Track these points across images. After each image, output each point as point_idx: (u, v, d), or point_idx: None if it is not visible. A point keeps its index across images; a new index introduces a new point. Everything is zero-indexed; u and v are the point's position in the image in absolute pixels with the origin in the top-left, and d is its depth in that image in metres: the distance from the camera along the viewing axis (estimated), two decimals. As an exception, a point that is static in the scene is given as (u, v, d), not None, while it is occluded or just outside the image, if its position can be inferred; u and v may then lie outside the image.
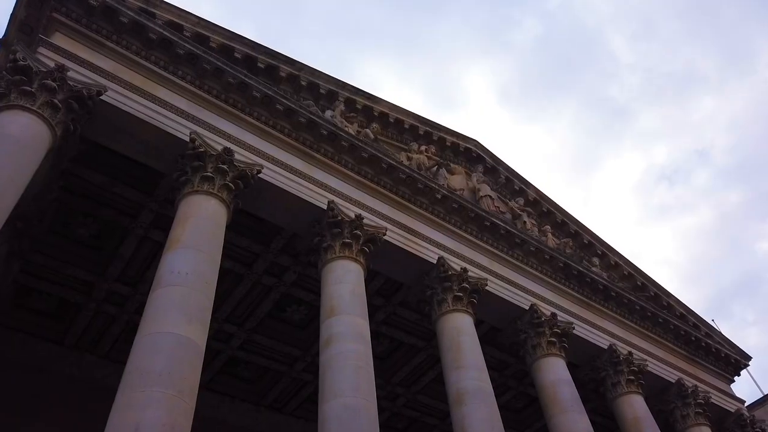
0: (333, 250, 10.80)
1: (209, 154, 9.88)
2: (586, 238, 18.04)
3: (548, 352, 13.05)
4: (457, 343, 11.26)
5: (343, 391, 8.37)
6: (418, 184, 13.31)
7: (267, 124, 11.51)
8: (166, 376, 6.54)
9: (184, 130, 10.09)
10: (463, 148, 17.00)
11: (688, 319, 18.67)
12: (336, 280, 10.26)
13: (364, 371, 8.79)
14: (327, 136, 12.17)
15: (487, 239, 14.34)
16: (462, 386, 10.51)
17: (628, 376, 14.42)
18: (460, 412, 10.17)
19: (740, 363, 19.27)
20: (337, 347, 9.07)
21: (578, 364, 15.36)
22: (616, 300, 16.29)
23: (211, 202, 9.29)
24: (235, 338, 15.36)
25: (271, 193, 11.10)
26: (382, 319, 15.32)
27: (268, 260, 13.51)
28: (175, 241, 8.49)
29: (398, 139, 15.46)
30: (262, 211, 11.40)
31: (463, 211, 13.99)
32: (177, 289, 7.63)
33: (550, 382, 12.52)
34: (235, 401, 16.86)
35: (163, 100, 10.23)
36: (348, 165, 12.44)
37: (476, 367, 10.89)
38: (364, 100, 14.38)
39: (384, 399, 17.86)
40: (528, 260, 14.88)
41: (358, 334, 9.37)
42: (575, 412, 11.89)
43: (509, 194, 17.52)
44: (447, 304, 12.06)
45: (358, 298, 10.05)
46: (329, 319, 9.62)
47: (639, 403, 14.08)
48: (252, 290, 14.29)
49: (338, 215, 11.13)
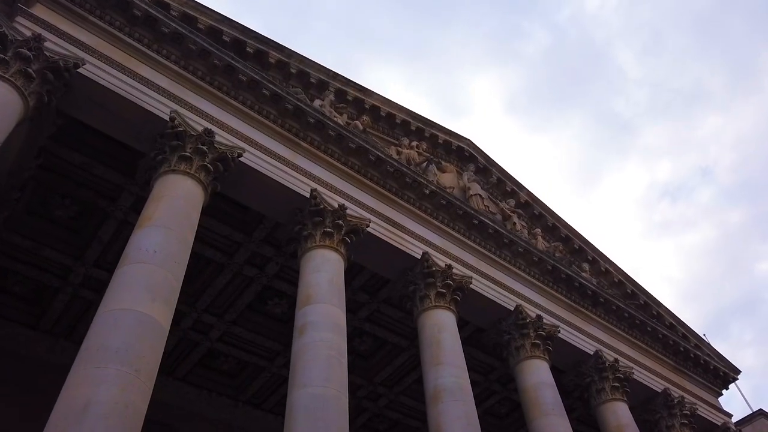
0: (313, 238, 10.53)
1: (189, 134, 9.63)
2: (577, 243, 17.81)
3: (532, 354, 12.76)
4: (438, 340, 10.98)
5: (313, 380, 8.08)
6: (405, 179, 13.07)
7: (252, 108, 11.28)
8: (123, 354, 6.26)
9: (165, 108, 9.85)
10: (455, 147, 16.78)
11: (678, 329, 18.41)
12: (314, 268, 9.99)
13: (336, 361, 8.50)
14: (314, 125, 11.94)
15: (475, 238, 14.09)
16: (440, 383, 10.22)
17: (613, 383, 14.14)
18: (436, 409, 9.88)
19: (729, 376, 18.99)
20: (310, 336, 8.79)
21: (563, 369, 15.08)
22: (605, 306, 16.03)
23: (187, 182, 9.03)
24: (215, 330, 15.06)
25: (252, 179, 10.85)
26: (365, 316, 15.05)
27: (250, 250, 13.24)
28: (146, 219, 8.23)
29: (389, 134, 15.24)
30: (243, 196, 11.15)
31: (451, 208, 13.74)
32: (143, 267, 7.36)
33: (532, 384, 12.23)
34: (213, 395, 16.53)
35: (145, 77, 10.00)
36: (334, 155, 12.20)
37: (456, 364, 10.60)
38: (355, 92, 14.16)
39: (366, 399, 17.57)
40: (516, 261, 14.62)
41: (334, 323, 9.09)
42: (556, 415, 11.60)
43: (501, 195, 17.29)
44: (429, 300, 11.78)
45: (336, 288, 9.78)
46: (305, 308, 9.35)
47: (623, 410, 13.79)
48: (233, 281, 14.00)
49: (321, 204, 10.87)
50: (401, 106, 15.36)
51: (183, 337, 15.21)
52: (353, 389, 17.36)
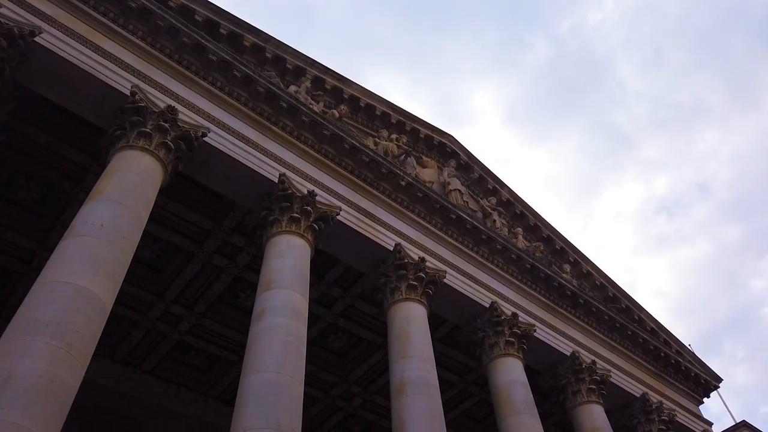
0: (279, 224, 10.18)
1: (150, 111, 9.28)
2: (559, 244, 17.53)
3: (506, 352, 12.41)
4: (406, 333, 10.62)
5: (266, 366, 7.71)
6: (381, 169, 12.75)
7: (222, 90, 10.95)
8: (54, 327, 5.88)
9: (126, 83, 9.50)
10: (437, 142, 16.49)
11: (659, 335, 18.12)
12: (278, 254, 9.64)
13: (293, 347, 8.13)
14: (287, 110, 11.62)
15: (452, 233, 13.77)
16: (405, 376, 9.85)
17: (590, 385, 13.80)
18: (400, 403, 9.50)
19: (710, 384, 18.70)
20: (267, 321, 8.43)
21: (540, 370, 14.74)
22: (584, 308, 15.73)
23: (145, 158, 8.67)
24: (184, 321, 14.64)
25: (219, 161, 10.50)
26: (340, 311, 14.69)
27: (220, 239, 12.87)
28: (96, 193, 7.86)
29: (368, 126, 14.93)
30: (209, 179, 10.79)
31: (428, 201, 13.43)
32: (87, 240, 6.99)
33: (504, 383, 11.87)
34: (182, 390, 16.07)
35: (109, 52, 9.66)
36: (307, 142, 11.87)
37: (423, 357, 10.23)
38: (333, 80, 13.85)
39: (340, 398, 17.16)
40: (493, 258, 14.31)
41: (293, 309, 8.73)
42: (527, 414, 11.23)
43: (482, 193, 17.01)
44: (400, 292, 11.44)
45: (299, 274, 9.43)
46: (264, 293, 8.99)
47: (598, 413, 13.44)
48: (203, 270, 13.61)
49: (289, 189, 10.53)
50: (381, 97, 15.07)
51: (151, 328, 14.78)
52: (327, 388, 17.01)
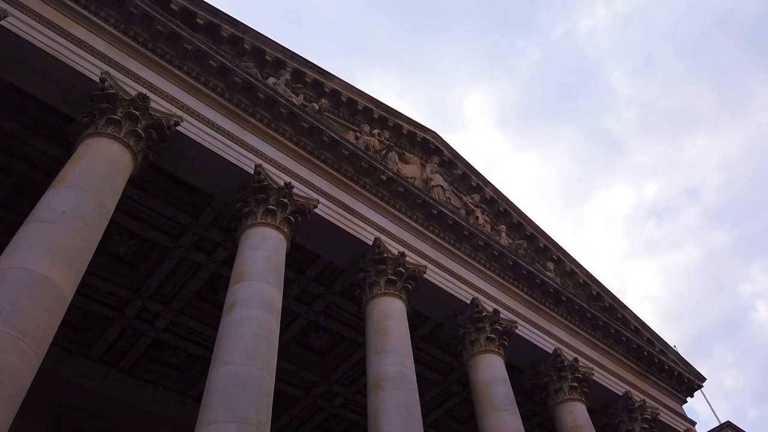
0: (254, 216, 9.96)
1: (120, 98, 9.04)
2: (542, 241, 17.43)
3: (486, 348, 12.24)
4: (384, 328, 10.42)
5: (235, 358, 7.48)
6: (361, 163, 12.57)
7: (198, 80, 10.72)
8: (6, 314, 5.62)
9: (96, 70, 9.25)
10: (420, 139, 16.34)
11: (643, 333, 18.06)
12: (252, 246, 9.42)
13: (264, 340, 7.90)
14: (264, 101, 11.41)
15: (434, 228, 13.61)
16: (382, 371, 9.65)
17: (572, 382, 13.67)
18: (376, 398, 9.30)
19: (694, 383, 18.66)
20: (238, 313, 8.19)
21: (522, 368, 14.60)
22: (567, 306, 15.62)
23: (113, 146, 8.42)
24: (161, 319, 14.33)
25: (193, 152, 10.27)
26: (321, 309, 14.44)
27: (197, 234, 12.61)
28: (60, 180, 7.61)
29: (350, 121, 14.75)
30: (183, 170, 10.55)
31: (410, 196, 13.26)
32: (47, 226, 6.74)
33: (484, 379, 11.70)
34: (159, 389, 15.74)
35: (79, 38, 9.40)
36: (286, 134, 11.67)
37: (401, 353, 10.04)
38: (314, 74, 13.67)
39: (321, 398, 16.90)
40: (476, 255, 14.16)
41: (266, 301, 8.50)
42: (507, 411, 11.06)
43: (465, 190, 16.88)
44: (379, 287, 11.24)
45: (273, 266, 9.20)
46: (236, 285, 8.75)
47: (580, 411, 13.31)
48: (179, 266, 13.33)
49: (265, 180, 10.31)
50: (363, 92, 14.90)
51: (127, 325, 14.47)
52: (308, 387, 16.75)
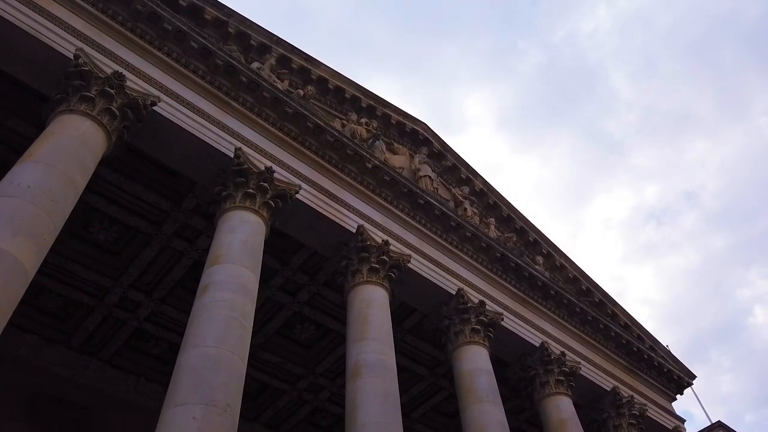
0: (233, 199, 9.75)
1: (95, 75, 8.83)
2: (532, 235, 17.27)
3: (471, 339, 12.05)
4: (365, 315, 10.22)
5: (206, 341, 7.27)
6: (347, 150, 12.36)
7: (178, 62, 10.51)
8: (-40, 287, 5.42)
9: (71, 47, 9.03)
10: (409, 129, 16.16)
11: (633, 330, 17.90)
12: (229, 229, 9.21)
13: (236, 323, 7.69)
14: (247, 85, 11.20)
15: (420, 219, 13.42)
16: (362, 359, 9.44)
17: (558, 376, 13.48)
18: (354, 385, 9.09)
19: (683, 381, 18.51)
20: (211, 295, 7.98)
21: (509, 361, 14.42)
22: (556, 300, 15.44)
23: (85, 123, 8.20)
24: (143, 308, 14.11)
25: (171, 134, 10.05)
26: (305, 300, 14.23)
27: (179, 221, 12.40)
28: (27, 156, 7.40)
29: (337, 109, 14.56)
30: (162, 152, 10.33)
31: (396, 185, 13.07)
32: (9, 200, 6.52)
33: (468, 370, 11.50)
34: (141, 380, 15.49)
35: (55, 15, 9.17)
36: (269, 119, 11.46)
37: (381, 340, 9.83)
38: (301, 60, 13.47)
39: (306, 391, 16.69)
40: (462, 246, 13.97)
41: (241, 284, 8.29)
42: (490, 402, 10.87)
43: (455, 182, 16.70)
44: (361, 275, 11.04)
45: (250, 249, 8.99)
46: (211, 268, 8.55)
47: (566, 404, 13.13)
48: (161, 254, 13.12)
49: (245, 164, 10.11)
50: (351, 80, 14.70)
51: (108, 314, 14.24)
52: (293, 380, 16.54)
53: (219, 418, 6.46)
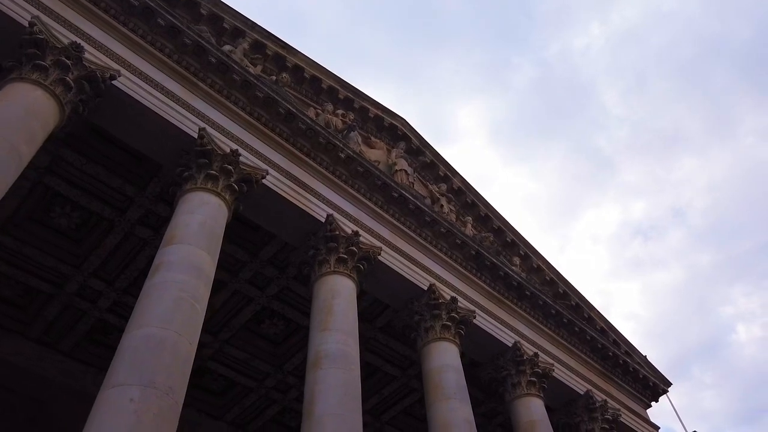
0: (194, 181, 9.36)
1: (51, 45, 8.42)
2: (510, 236, 17.03)
3: (441, 336, 11.72)
4: (329, 306, 9.84)
5: (152, 321, 6.87)
6: (319, 139, 12.03)
7: (144, 38, 10.13)
8: None
9: (26, 15, 8.62)
10: (388, 124, 15.88)
11: (609, 334, 17.69)
12: (188, 210, 8.82)
13: (186, 304, 7.29)
14: (216, 66, 10.84)
15: (394, 212, 13.10)
16: (322, 349, 9.05)
17: (530, 377, 13.19)
18: (313, 376, 8.70)
19: (659, 387, 18.31)
20: (161, 276, 7.58)
21: (482, 362, 14.10)
22: (531, 300, 15.18)
23: (36, 92, 7.80)
24: (104, 298, 13.61)
25: (133, 111, 9.64)
26: (274, 293, 13.81)
27: (144, 207, 11.97)
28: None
29: (314, 100, 14.24)
30: (123, 131, 9.91)
31: (369, 177, 12.75)
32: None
33: (436, 367, 11.16)
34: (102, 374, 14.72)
35: (12, -17, 8.78)
36: (239, 103, 11.11)
37: (344, 331, 9.45)
38: (276, 47, 13.14)
39: (274, 389, 16.23)
40: (437, 242, 13.67)
41: (195, 265, 7.89)
42: (457, 399, 10.52)
43: (433, 179, 16.44)
44: (329, 265, 10.68)
45: (208, 231, 8.59)
46: (164, 248, 8.14)
47: (537, 406, 12.82)
48: (125, 242, 12.65)
49: (208, 145, 9.73)
50: (329, 71, 14.40)
51: (69, 303, 13.72)
52: (260, 377, 16.06)
53: (159, 401, 6.06)
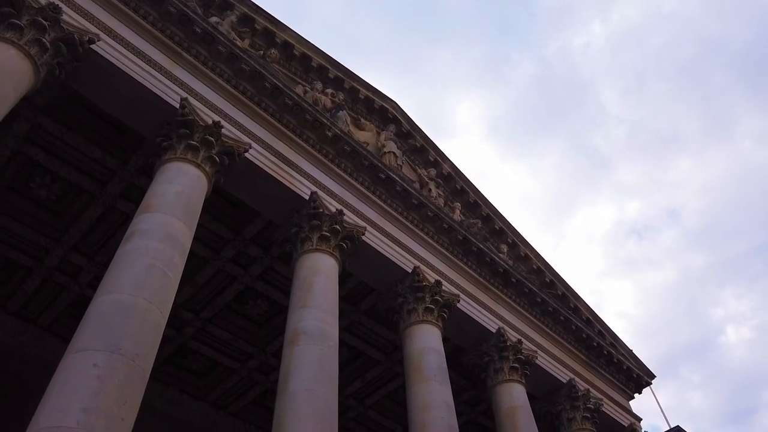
0: (174, 150, 9.15)
1: (27, 5, 8.14)
2: (498, 224, 16.91)
3: (423, 318, 11.60)
4: (309, 283, 9.69)
5: (121, 288, 6.69)
6: (306, 116, 11.83)
7: (127, 5, 9.88)
8: None
9: (4, -28, 8.37)
10: (378, 106, 15.68)
11: (594, 325, 17.64)
12: (166, 179, 8.62)
13: (159, 272, 7.11)
14: (202, 37, 10.61)
15: (380, 194, 12.94)
16: (300, 326, 8.91)
17: (513, 363, 13.11)
18: (290, 352, 8.55)
19: (642, 379, 18.31)
20: (134, 243, 7.40)
21: (465, 347, 14.01)
22: (516, 288, 15.08)
23: (9, 51, 7.55)
24: (84, 272, 13.39)
25: (113, 77, 9.40)
26: (258, 274, 13.63)
27: (126, 180, 11.73)
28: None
29: (303, 78, 14.01)
30: (102, 98, 9.68)
31: (356, 156, 12.57)
32: None
33: (417, 349, 11.04)
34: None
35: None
36: (224, 75, 10.88)
37: (323, 308, 9.30)
38: (265, 21, 12.90)
39: (257, 371, 16.11)
40: (424, 226, 13.53)
41: (170, 234, 7.71)
42: (437, 381, 10.42)
43: (422, 164, 16.28)
44: (311, 242, 10.51)
45: (186, 201, 8.40)
46: (139, 216, 7.95)
47: (519, 392, 12.75)
48: (105, 216, 12.43)
49: (190, 115, 9.52)
50: (319, 49, 14.16)
51: (48, 277, 13.51)
52: (243, 358, 15.92)
53: (125, 367, 5.90)
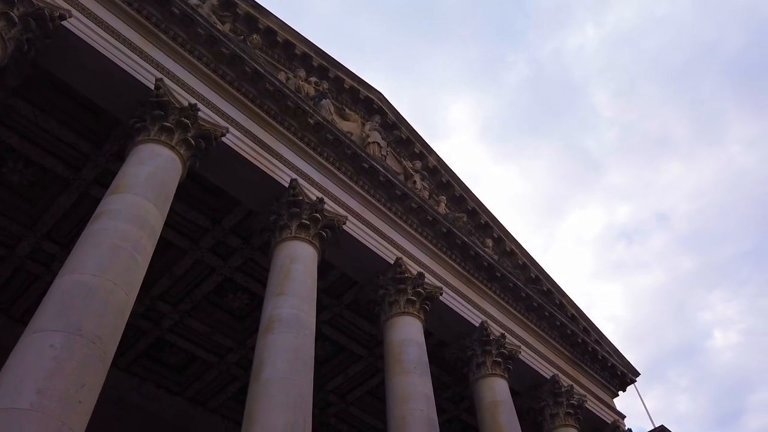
0: (147, 132, 8.86)
1: (-5, -24, 7.86)
2: (484, 218, 16.74)
3: (405, 310, 11.38)
4: (287, 270, 9.43)
5: (85, 268, 6.40)
6: (287, 102, 11.56)
7: (103, -16, 9.58)
8: None
9: (-31, -58, 8.04)
10: (363, 97, 15.45)
11: (579, 321, 17.54)
12: (138, 161, 8.32)
13: (126, 253, 6.82)
14: (179, 18, 10.32)
15: (363, 184, 12.70)
16: (276, 314, 8.65)
17: (496, 357, 12.92)
18: (264, 340, 8.29)
19: (627, 377, 18.23)
20: (101, 223, 7.11)
21: (447, 341, 13.81)
22: (501, 282, 14.92)
23: (-27, 23, 7.24)
24: (58, 261, 12.97)
25: (84, 55, 9.09)
26: (238, 265, 13.33)
27: (101, 166, 11.39)
28: None
29: (286, 65, 13.75)
30: (71, 75, 9.35)
31: (339, 145, 12.32)
32: None
33: (398, 340, 10.82)
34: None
35: None
36: (202, 59, 10.59)
37: (300, 296, 9.04)
38: (247, 6, 12.63)
39: (236, 365, 15.78)
40: (407, 218, 13.31)
41: (139, 216, 7.42)
42: (417, 374, 10.20)
43: (408, 156, 16.07)
44: (289, 230, 10.25)
45: (158, 183, 8.11)
46: (108, 197, 7.66)
47: (501, 386, 12.56)
48: (79, 203, 12.07)
49: (165, 96, 9.21)
50: (303, 36, 13.90)
51: (20, 266, 13.12)
52: (223, 352, 15.59)
53: (84, 349, 5.61)
